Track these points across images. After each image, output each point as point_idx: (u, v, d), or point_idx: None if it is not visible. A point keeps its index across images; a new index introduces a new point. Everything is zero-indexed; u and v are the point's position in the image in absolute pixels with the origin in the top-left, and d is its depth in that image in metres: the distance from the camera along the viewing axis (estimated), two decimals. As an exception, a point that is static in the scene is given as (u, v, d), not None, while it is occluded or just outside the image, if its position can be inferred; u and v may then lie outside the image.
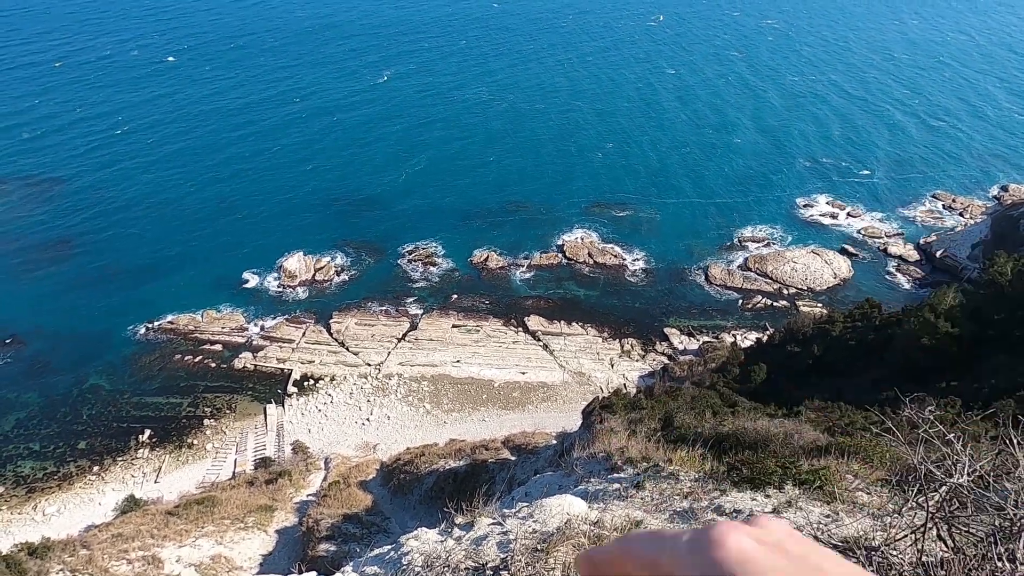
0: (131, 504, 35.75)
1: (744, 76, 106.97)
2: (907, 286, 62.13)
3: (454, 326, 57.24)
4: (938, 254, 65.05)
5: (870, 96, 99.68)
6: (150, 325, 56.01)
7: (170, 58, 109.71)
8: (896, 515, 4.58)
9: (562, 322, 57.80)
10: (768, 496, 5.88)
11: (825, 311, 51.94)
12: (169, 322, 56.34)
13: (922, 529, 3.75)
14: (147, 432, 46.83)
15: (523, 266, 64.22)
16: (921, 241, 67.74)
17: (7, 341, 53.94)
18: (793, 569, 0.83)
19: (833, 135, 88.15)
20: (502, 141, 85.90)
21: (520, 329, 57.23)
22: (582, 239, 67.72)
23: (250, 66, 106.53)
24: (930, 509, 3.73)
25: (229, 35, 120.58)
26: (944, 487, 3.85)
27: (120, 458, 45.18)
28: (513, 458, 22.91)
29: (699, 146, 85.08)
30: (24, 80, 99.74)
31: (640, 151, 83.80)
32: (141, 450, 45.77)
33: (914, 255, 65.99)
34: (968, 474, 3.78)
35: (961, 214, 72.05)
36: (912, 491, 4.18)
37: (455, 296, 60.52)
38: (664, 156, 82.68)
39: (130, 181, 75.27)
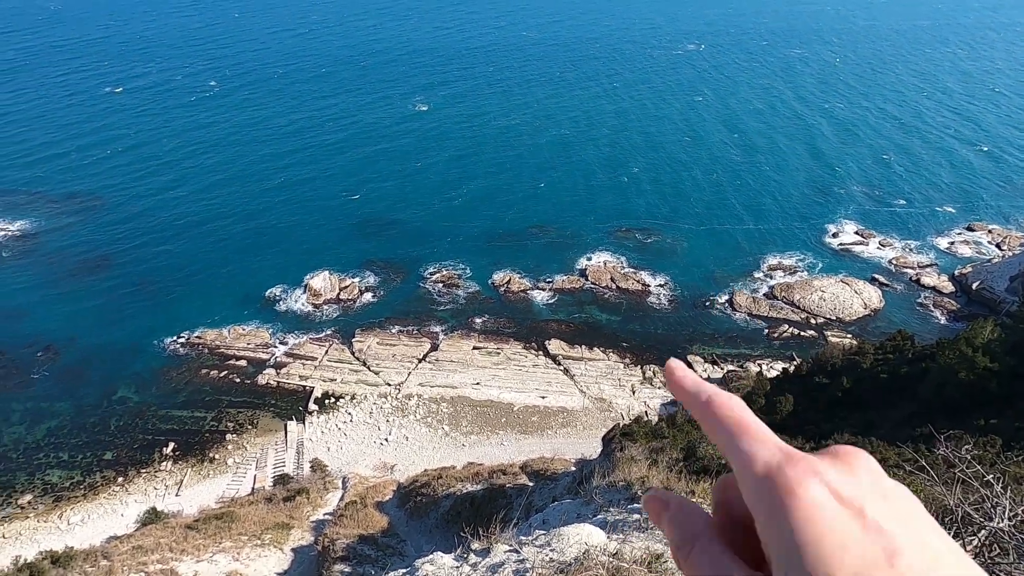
0: (152, 516, 36.20)
1: (773, 104, 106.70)
2: (941, 319, 60.21)
3: (475, 348, 57.22)
4: (974, 286, 63.03)
5: (904, 126, 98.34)
6: (179, 339, 57.29)
7: (212, 83, 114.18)
8: (932, 559, 4.35)
9: (583, 347, 57.35)
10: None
11: (855, 342, 50.52)
12: (197, 337, 57.54)
13: None
14: (171, 445, 47.54)
15: (545, 289, 64.16)
16: (956, 272, 65.78)
17: (43, 351, 55.69)
18: (865, 548, 0.63)
19: (865, 164, 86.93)
20: (527, 166, 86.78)
21: (541, 353, 56.93)
22: (605, 263, 67.47)
23: (288, 94, 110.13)
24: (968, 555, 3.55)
25: (270, 63, 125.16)
26: (983, 531, 3.66)
27: (144, 470, 45.89)
28: (531, 484, 22.57)
29: (727, 173, 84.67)
30: (78, 105, 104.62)
31: (666, 176, 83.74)
32: (164, 463, 46.42)
33: (948, 287, 64.05)
34: (1009, 518, 3.59)
35: (998, 246, 69.91)
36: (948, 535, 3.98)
37: (477, 318, 60.65)
38: (691, 182, 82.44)
39: (170, 201, 77.86)
